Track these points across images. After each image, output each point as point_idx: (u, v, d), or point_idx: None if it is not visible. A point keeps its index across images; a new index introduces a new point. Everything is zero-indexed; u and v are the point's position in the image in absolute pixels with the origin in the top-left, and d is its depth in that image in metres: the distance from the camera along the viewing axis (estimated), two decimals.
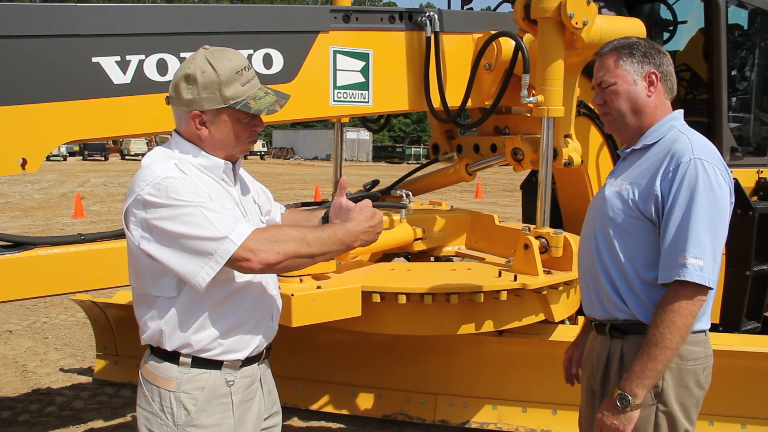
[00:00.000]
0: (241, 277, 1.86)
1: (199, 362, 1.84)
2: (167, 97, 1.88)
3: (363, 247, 1.97)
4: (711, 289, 1.89)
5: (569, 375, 2.45)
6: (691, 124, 2.12)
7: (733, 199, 1.99)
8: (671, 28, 5.13)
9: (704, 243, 1.87)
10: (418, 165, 4.97)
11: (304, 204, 3.93)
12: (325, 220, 2.23)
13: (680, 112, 2.12)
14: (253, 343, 1.92)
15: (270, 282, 2.00)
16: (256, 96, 1.85)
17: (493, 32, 3.55)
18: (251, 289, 1.91)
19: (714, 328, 2.04)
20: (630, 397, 1.90)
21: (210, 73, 1.79)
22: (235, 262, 1.71)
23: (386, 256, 4.01)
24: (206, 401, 1.84)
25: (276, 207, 2.31)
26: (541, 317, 3.33)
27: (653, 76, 2.06)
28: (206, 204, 1.73)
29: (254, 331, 1.92)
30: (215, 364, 1.85)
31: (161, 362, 1.85)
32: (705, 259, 1.86)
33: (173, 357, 1.83)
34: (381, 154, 50.96)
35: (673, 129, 2.06)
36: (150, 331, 1.85)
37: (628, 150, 2.16)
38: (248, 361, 1.93)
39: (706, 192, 1.89)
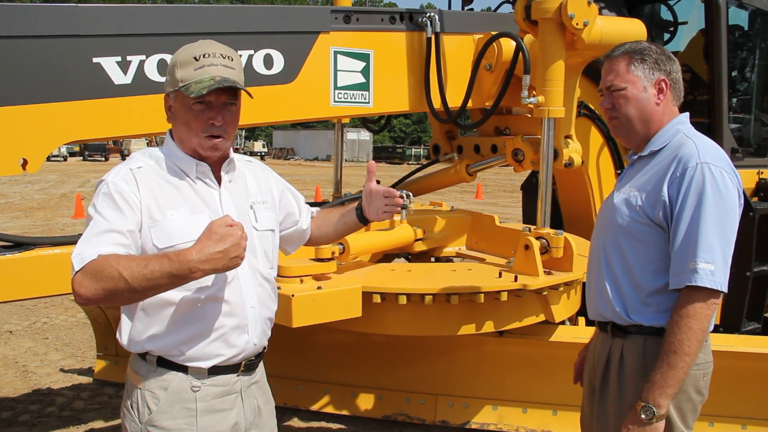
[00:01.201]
0: (205, 288, 1.78)
1: (164, 362, 1.81)
2: None
3: (227, 271, 1.67)
4: (723, 292, 1.89)
5: (579, 375, 2.45)
6: (691, 124, 2.12)
7: (742, 201, 1.98)
8: (672, 28, 5.14)
9: (714, 247, 1.86)
10: (418, 166, 4.98)
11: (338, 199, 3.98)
12: (359, 211, 2.22)
13: (686, 115, 2.11)
14: (222, 354, 1.82)
15: (246, 294, 1.87)
16: (201, 80, 1.73)
17: (493, 33, 3.55)
18: (219, 299, 1.81)
19: (714, 328, 2.05)
20: (654, 408, 1.88)
21: (173, 58, 1.81)
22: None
23: (387, 257, 4.01)
24: (168, 403, 1.79)
25: (305, 213, 2.24)
26: (542, 318, 3.33)
27: (663, 84, 2.05)
28: (105, 215, 1.69)
29: (221, 342, 1.82)
30: (181, 368, 1.80)
31: (135, 358, 1.85)
32: (716, 263, 1.86)
33: (143, 354, 1.82)
34: (381, 154, 50.89)
35: (679, 133, 2.05)
36: (119, 331, 1.85)
37: (636, 157, 2.15)
38: (220, 370, 1.84)
39: (714, 196, 1.89)
